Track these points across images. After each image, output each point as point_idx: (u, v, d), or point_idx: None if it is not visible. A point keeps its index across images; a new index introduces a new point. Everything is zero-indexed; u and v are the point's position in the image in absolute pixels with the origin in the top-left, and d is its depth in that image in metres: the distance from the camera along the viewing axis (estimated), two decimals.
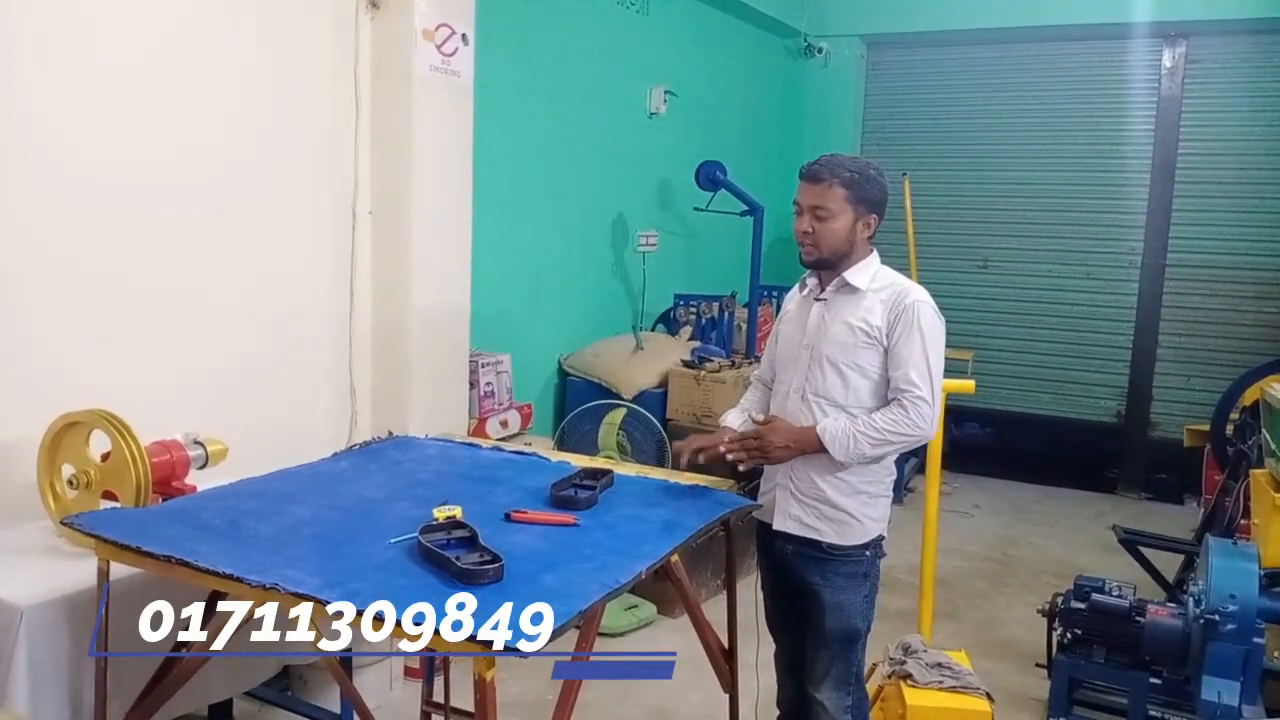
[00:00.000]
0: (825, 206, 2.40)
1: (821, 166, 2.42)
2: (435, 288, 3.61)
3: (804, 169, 2.46)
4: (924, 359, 2.36)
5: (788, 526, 2.49)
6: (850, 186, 2.40)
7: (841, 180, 2.40)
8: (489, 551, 1.92)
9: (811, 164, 2.45)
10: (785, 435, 2.41)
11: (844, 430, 2.36)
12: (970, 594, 4.75)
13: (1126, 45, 6.45)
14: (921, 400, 2.34)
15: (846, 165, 2.42)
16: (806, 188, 2.44)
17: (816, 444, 2.38)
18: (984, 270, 7.03)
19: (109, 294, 2.76)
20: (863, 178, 2.41)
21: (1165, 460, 6.40)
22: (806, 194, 2.44)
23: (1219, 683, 2.69)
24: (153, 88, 2.82)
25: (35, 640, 2.03)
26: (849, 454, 2.36)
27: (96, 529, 2.02)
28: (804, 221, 2.44)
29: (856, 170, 2.41)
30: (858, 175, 2.41)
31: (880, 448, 2.36)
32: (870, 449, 2.36)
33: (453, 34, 3.51)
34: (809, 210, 2.43)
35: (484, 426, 4.03)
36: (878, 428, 2.35)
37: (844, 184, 2.40)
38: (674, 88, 5.63)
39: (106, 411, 2.33)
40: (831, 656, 2.50)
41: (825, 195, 2.40)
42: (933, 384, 2.37)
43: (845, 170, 2.40)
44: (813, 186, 2.42)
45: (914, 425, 2.34)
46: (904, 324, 2.38)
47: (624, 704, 3.54)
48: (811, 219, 2.42)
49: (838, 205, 2.40)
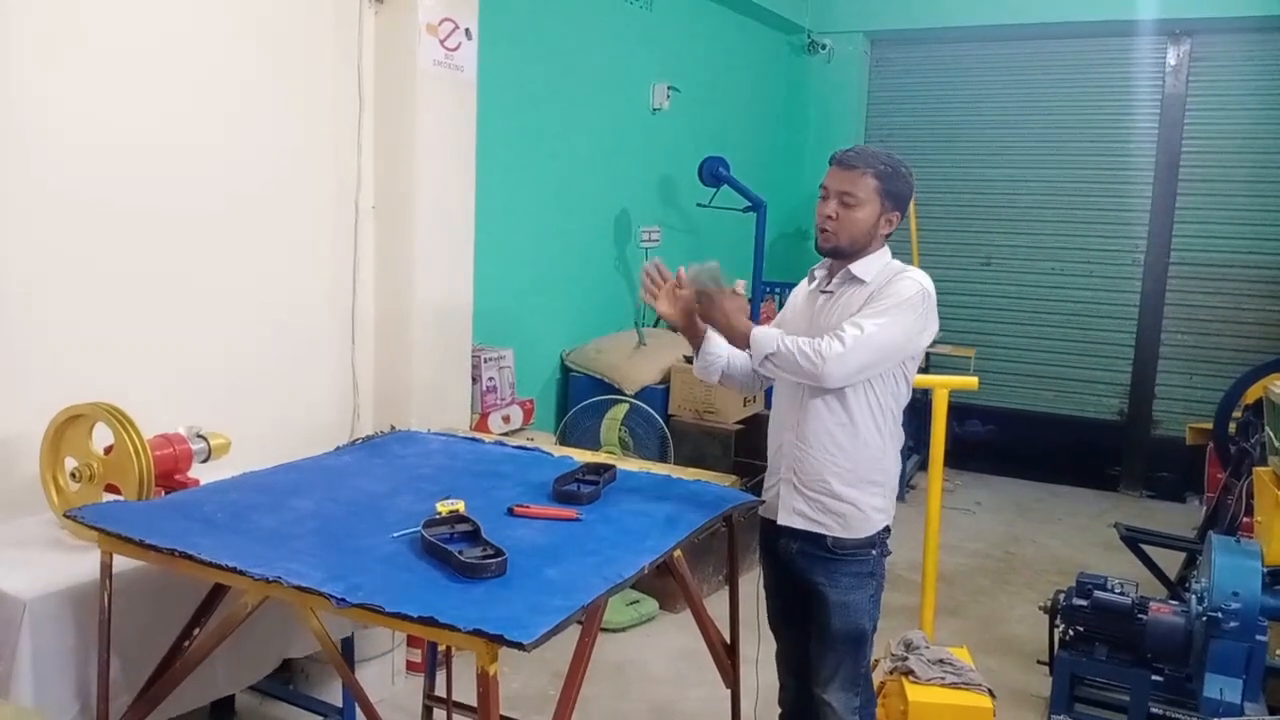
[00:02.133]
0: (854, 194, 2.38)
1: (856, 154, 2.42)
2: (438, 282, 3.61)
3: (838, 154, 2.45)
4: (874, 316, 2.29)
5: (792, 521, 2.48)
6: (882, 179, 2.39)
7: (875, 171, 2.38)
8: (492, 546, 1.92)
9: (846, 150, 2.44)
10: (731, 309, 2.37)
11: (774, 333, 2.33)
12: (972, 591, 4.75)
13: (1131, 42, 6.43)
14: (838, 340, 2.25)
15: (881, 158, 2.41)
16: (837, 173, 2.42)
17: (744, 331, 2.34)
18: (987, 268, 7.02)
19: (112, 288, 2.76)
20: (894, 173, 2.41)
21: (1168, 458, 6.39)
22: (837, 179, 2.41)
23: (1221, 680, 2.69)
24: (155, 84, 2.81)
25: (39, 633, 2.03)
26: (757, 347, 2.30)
27: (99, 522, 2.03)
28: (829, 206, 2.41)
29: (890, 165, 2.41)
30: (890, 169, 2.40)
31: (779, 358, 2.28)
32: (771, 350, 2.28)
33: (456, 28, 3.51)
34: (837, 195, 2.40)
35: (486, 421, 4.03)
36: (791, 341, 2.28)
37: (876, 175, 2.38)
38: (677, 84, 5.62)
39: (109, 405, 2.33)
40: (839, 657, 2.49)
41: (856, 182, 2.39)
42: (864, 336, 2.26)
43: (880, 162, 2.40)
44: (845, 172, 2.40)
45: (818, 356, 2.24)
46: (879, 290, 2.36)
47: (626, 699, 3.54)
48: (838, 204, 2.40)
49: (866, 194, 2.39)
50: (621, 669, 3.75)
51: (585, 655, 1.95)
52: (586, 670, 1.96)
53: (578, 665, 1.94)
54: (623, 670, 3.75)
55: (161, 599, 2.21)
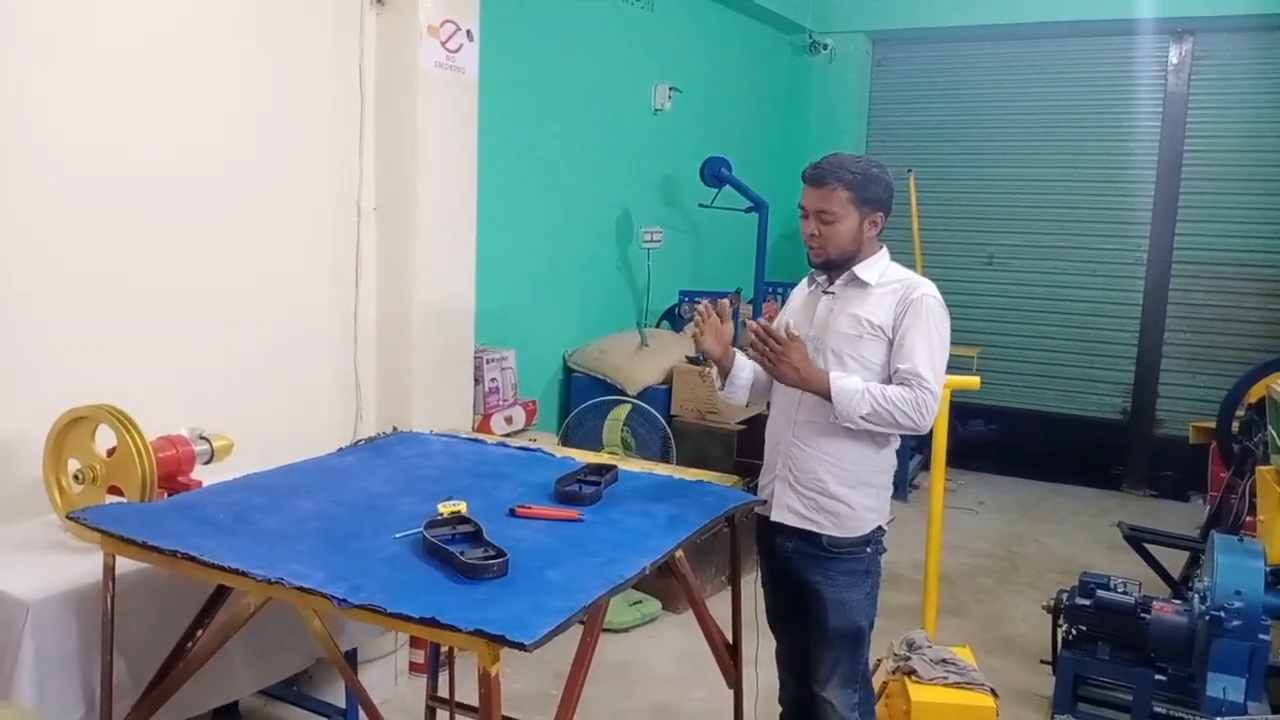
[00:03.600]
0: (830, 210, 2.38)
1: (824, 170, 2.39)
2: (440, 284, 3.61)
3: (806, 172, 2.44)
4: (930, 354, 2.35)
5: (785, 518, 2.49)
6: (854, 188, 2.38)
7: (845, 183, 2.37)
8: (493, 546, 1.92)
9: (814, 167, 2.42)
10: (801, 359, 2.37)
11: (855, 386, 2.32)
12: (975, 590, 4.74)
13: (1132, 41, 6.42)
14: (928, 392, 2.33)
15: (849, 166, 2.39)
16: (810, 191, 2.42)
17: (823, 386, 2.33)
18: (989, 267, 7.02)
19: (114, 290, 2.77)
20: (865, 178, 2.39)
21: (1170, 457, 6.39)
22: (810, 198, 2.42)
23: (1224, 679, 2.68)
24: (155, 85, 2.82)
25: (42, 635, 2.03)
26: (848, 409, 2.31)
27: (102, 524, 2.03)
28: (810, 225, 2.43)
29: (859, 171, 2.39)
30: (860, 176, 2.38)
31: (876, 417, 2.32)
32: (867, 411, 2.31)
33: (457, 30, 3.51)
34: (814, 214, 2.41)
35: (488, 422, 4.03)
36: (886, 395, 2.31)
37: (847, 186, 2.38)
38: (679, 84, 5.62)
39: (112, 406, 2.33)
40: (836, 655, 2.49)
41: (829, 199, 2.38)
42: (936, 379, 2.35)
43: (848, 172, 2.38)
44: (816, 190, 2.40)
45: (916, 412, 2.31)
46: (912, 316, 2.37)
47: (628, 699, 3.54)
48: (817, 223, 2.41)
49: (842, 208, 2.38)
50: (624, 669, 3.75)
51: (587, 656, 1.95)
52: (589, 671, 1.96)
53: (580, 666, 1.94)
54: (625, 671, 3.75)
55: (164, 601, 2.21)
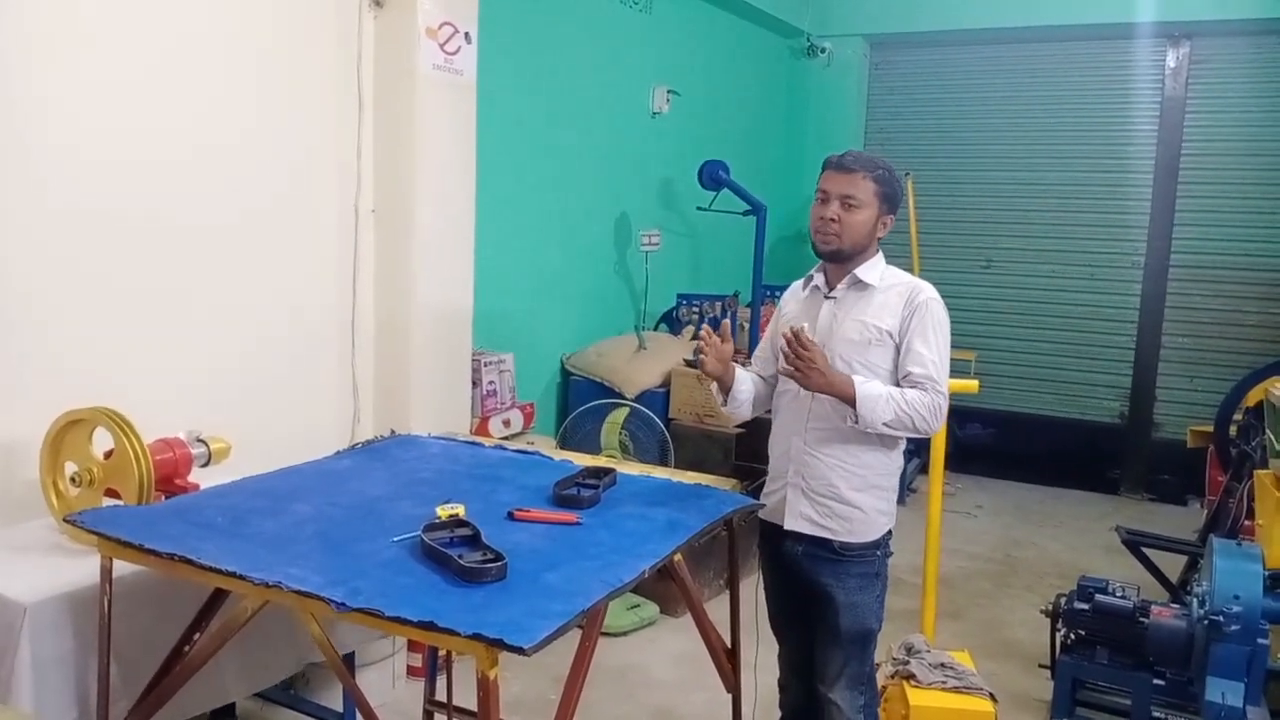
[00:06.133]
0: (855, 196, 2.40)
1: (854, 158, 2.44)
2: (438, 286, 3.61)
3: (834, 159, 2.46)
4: (938, 357, 2.39)
5: (799, 526, 2.48)
6: (880, 182, 2.43)
7: (874, 175, 2.42)
8: (492, 550, 1.92)
9: (842, 155, 2.46)
10: (826, 365, 2.36)
11: (878, 391, 2.33)
12: (973, 594, 4.74)
13: (1130, 45, 6.44)
14: (941, 395, 2.36)
15: (877, 162, 2.45)
16: (835, 176, 2.43)
17: (848, 392, 2.33)
18: (987, 270, 7.02)
19: (111, 292, 2.76)
20: (890, 176, 2.45)
21: (1168, 461, 6.39)
22: (836, 182, 2.43)
23: (1223, 684, 2.68)
24: (154, 89, 2.81)
25: (39, 637, 2.03)
26: (871, 415, 2.32)
27: (99, 526, 2.02)
28: (830, 209, 2.42)
29: (886, 168, 2.45)
30: (887, 173, 2.44)
31: (897, 423, 2.34)
32: (890, 417, 2.32)
33: (456, 32, 3.51)
34: (838, 198, 2.42)
35: (486, 425, 4.03)
36: (907, 400, 2.33)
37: (875, 179, 2.42)
38: (677, 87, 5.62)
39: (109, 409, 2.32)
40: (846, 657, 2.49)
41: (857, 185, 2.41)
42: (945, 382, 2.39)
43: (877, 166, 2.43)
44: (844, 175, 2.42)
45: (931, 414, 2.34)
46: (918, 320, 2.39)
47: (627, 703, 3.54)
48: (840, 207, 2.41)
49: (866, 197, 2.41)
50: (622, 673, 3.75)
51: (586, 659, 1.95)
52: (587, 674, 1.96)
53: (578, 669, 1.93)
54: (624, 674, 3.74)
55: (162, 604, 2.20)
